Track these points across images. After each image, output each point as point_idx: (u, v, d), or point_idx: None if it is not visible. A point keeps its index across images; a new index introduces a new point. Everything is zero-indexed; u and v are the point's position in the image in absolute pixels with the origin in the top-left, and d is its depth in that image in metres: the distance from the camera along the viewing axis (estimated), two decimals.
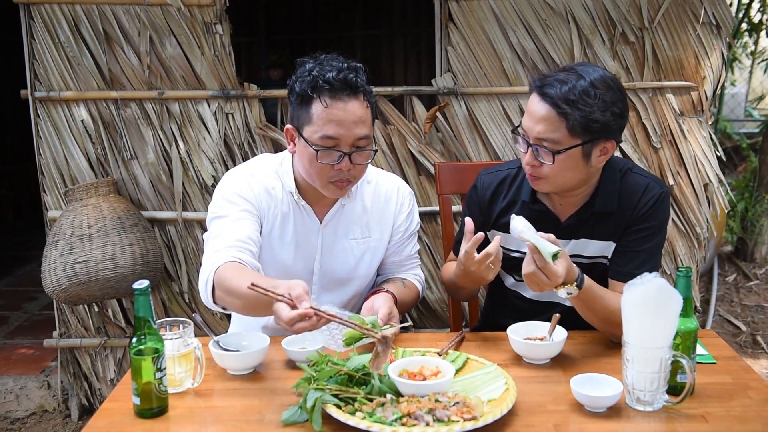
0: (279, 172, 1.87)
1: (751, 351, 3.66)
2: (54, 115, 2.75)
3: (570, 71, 1.64)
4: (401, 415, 1.27)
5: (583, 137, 1.63)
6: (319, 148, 1.69)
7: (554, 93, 1.61)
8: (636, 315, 1.36)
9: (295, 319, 1.35)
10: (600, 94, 1.60)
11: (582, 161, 1.67)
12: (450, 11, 2.72)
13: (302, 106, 1.71)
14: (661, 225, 1.78)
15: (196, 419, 1.39)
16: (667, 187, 1.80)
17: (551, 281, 1.56)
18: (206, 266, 1.68)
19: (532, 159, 1.69)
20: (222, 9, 2.68)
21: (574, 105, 1.59)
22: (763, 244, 4.80)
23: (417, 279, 2.03)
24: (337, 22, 6.79)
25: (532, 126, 1.66)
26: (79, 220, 2.58)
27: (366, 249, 1.92)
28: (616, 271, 1.78)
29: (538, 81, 1.66)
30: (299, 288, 1.39)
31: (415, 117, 2.80)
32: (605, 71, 1.66)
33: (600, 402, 1.36)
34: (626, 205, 1.76)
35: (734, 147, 6.21)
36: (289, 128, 1.78)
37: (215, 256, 1.68)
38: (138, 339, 1.36)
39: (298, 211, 1.86)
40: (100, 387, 2.97)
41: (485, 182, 1.92)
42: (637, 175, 1.80)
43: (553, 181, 1.70)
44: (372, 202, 1.93)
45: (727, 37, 2.79)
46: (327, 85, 1.66)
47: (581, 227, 1.80)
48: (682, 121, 2.80)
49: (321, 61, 1.72)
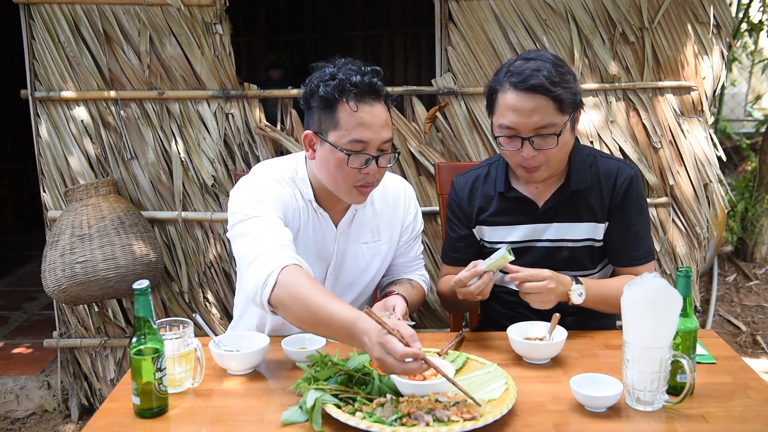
0: (295, 180, 1.81)
1: (751, 351, 3.66)
2: (54, 115, 2.75)
3: (529, 60, 1.73)
4: (401, 415, 1.27)
5: (569, 111, 1.73)
6: (350, 152, 1.66)
7: (540, 81, 1.68)
8: (636, 315, 1.36)
9: (408, 354, 1.29)
10: (567, 70, 1.74)
11: (571, 134, 1.78)
12: (450, 11, 2.72)
13: (326, 110, 1.67)
14: (642, 202, 1.88)
15: (196, 419, 1.39)
16: (636, 168, 1.93)
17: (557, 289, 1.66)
18: (268, 261, 1.56)
19: (531, 151, 1.73)
20: (222, 9, 2.68)
21: (560, 85, 1.69)
22: (763, 244, 4.80)
23: (423, 279, 2.03)
24: (337, 22, 6.80)
25: (524, 120, 1.70)
26: (79, 220, 2.58)
27: (376, 252, 1.92)
28: (620, 259, 1.88)
29: (514, 78, 1.71)
30: (410, 329, 1.35)
31: (415, 117, 2.80)
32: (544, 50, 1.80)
33: (600, 402, 1.36)
34: (604, 188, 1.85)
35: (734, 147, 6.21)
36: (309, 134, 1.73)
37: (274, 252, 1.58)
38: (138, 339, 1.36)
39: (316, 219, 1.83)
40: (100, 387, 2.97)
41: (460, 183, 1.98)
42: (607, 159, 1.90)
43: (552, 163, 1.77)
44: (381, 205, 1.92)
45: (727, 37, 2.79)
46: (354, 88, 1.64)
47: (559, 210, 1.86)
48: (682, 121, 2.80)
49: (339, 65, 1.70)
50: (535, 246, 1.88)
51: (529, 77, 1.68)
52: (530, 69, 1.69)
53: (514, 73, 1.71)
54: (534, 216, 1.87)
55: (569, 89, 1.71)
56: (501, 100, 1.74)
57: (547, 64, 1.70)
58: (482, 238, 1.95)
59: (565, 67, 1.74)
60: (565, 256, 1.87)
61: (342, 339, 1.44)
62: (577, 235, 1.86)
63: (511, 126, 1.72)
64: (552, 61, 1.72)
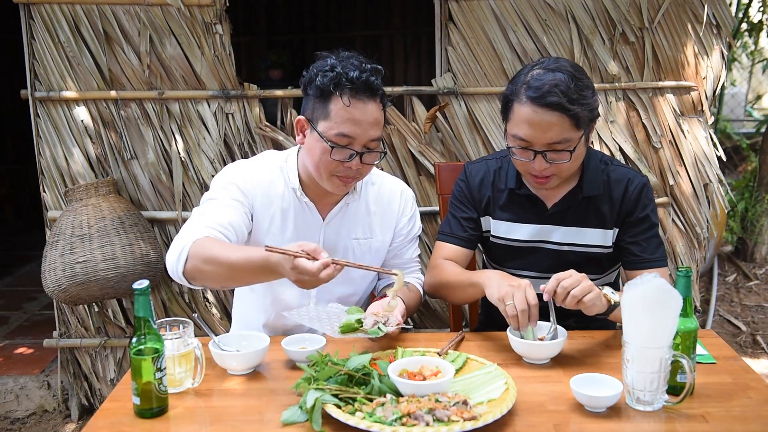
0: (283, 168, 1.88)
1: (751, 351, 3.66)
2: (54, 115, 2.75)
3: (548, 71, 1.69)
4: (401, 415, 1.27)
5: (585, 126, 1.72)
6: (334, 145, 1.70)
7: (557, 99, 1.65)
8: (636, 315, 1.36)
9: (320, 268, 1.45)
10: (586, 83, 1.71)
11: (584, 147, 1.78)
12: (450, 11, 2.72)
13: (320, 100, 1.71)
14: (654, 209, 1.89)
15: (196, 419, 1.38)
16: (646, 177, 1.91)
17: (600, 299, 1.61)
18: (181, 238, 1.69)
19: (543, 164, 1.72)
20: (222, 9, 2.68)
21: (577, 102, 1.67)
22: (763, 244, 4.80)
23: (419, 282, 2.03)
24: (337, 22, 6.80)
25: (539, 135, 1.69)
26: (79, 220, 2.58)
27: (368, 249, 1.93)
28: (636, 262, 1.86)
29: (532, 92, 1.67)
30: (311, 243, 1.50)
31: (415, 117, 2.80)
32: (564, 58, 1.77)
33: (600, 402, 1.36)
34: (615, 195, 1.85)
35: (734, 147, 6.21)
36: (302, 119, 1.78)
37: (193, 231, 1.70)
38: (138, 339, 1.36)
39: (300, 207, 1.86)
40: (100, 387, 2.97)
41: (472, 171, 1.97)
42: (618, 167, 1.90)
43: (563, 175, 1.77)
44: (375, 204, 1.94)
45: (727, 37, 2.80)
46: (350, 84, 1.67)
47: (568, 214, 1.86)
48: (682, 121, 2.80)
49: (342, 57, 1.73)
50: (543, 248, 1.88)
51: (547, 94, 1.65)
52: (549, 84, 1.66)
53: (532, 87, 1.68)
54: (542, 216, 1.87)
55: (587, 106, 1.68)
56: (517, 110, 1.72)
57: (566, 78, 1.66)
58: (488, 230, 1.95)
59: (585, 80, 1.71)
60: (573, 261, 1.86)
61: (262, 278, 1.66)
62: (585, 240, 1.86)
63: (525, 138, 1.72)
64: (571, 74, 1.68)
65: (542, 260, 1.88)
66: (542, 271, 1.89)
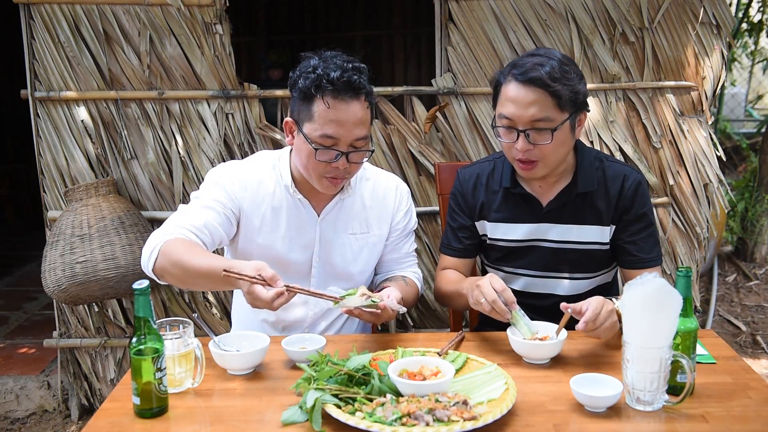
0: (276, 166, 1.89)
1: (751, 351, 3.67)
2: (54, 115, 2.75)
3: (535, 56, 1.75)
4: (401, 415, 1.27)
5: (569, 110, 1.74)
6: (318, 146, 1.71)
7: (539, 75, 1.69)
8: (636, 315, 1.36)
9: (274, 297, 1.50)
10: (572, 69, 1.74)
11: (570, 134, 1.77)
12: (450, 11, 2.72)
13: (304, 102, 1.72)
14: (650, 207, 1.89)
15: (196, 419, 1.38)
16: (641, 174, 1.92)
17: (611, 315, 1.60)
18: (156, 236, 1.73)
19: (525, 144, 1.74)
20: (222, 9, 2.68)
21: (560, 81, 1.70)
22: (763, 244, 4.80)
23: (416, 277, 2.04)
24: (337, 22, 6.80)
25: (521, 112, 1.72)
26: (79, 220, 2.58)
27: (364, 244, 1.94)
28: (634, 261, 1.87)
29: (516, 70, 1.73)
30: (268, 268, 1.53)
31: (415, 117, 2.80)
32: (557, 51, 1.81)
33: (600, 402, 1.36)
34: (612, 191, 1.85)
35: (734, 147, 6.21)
36: (289, 121, 1.79)
37: (168, 230, 1.74)
38: (138, 339, 1.36)
39: (293, 204, 1.87)
40: (100, 387, 2.97)
41: (465, 176, 1.98)
42: (614, 163, 1.90)
43: (548, 160, 1.77)
44: (371, 199, 1.95)
45: (726, 37, 2.79)
46: (330, 85, 1.67)
47: (564, 211, 1.86)
48: (682, 121, 2.80)
49: (325, 58, 1.73)
50: (540, 246, 1.89)
51: (529, 70, 1.70)
52: (533, 63, 1.71)
53: (518, 66, 1.74)
54: (537, 215, 1.87)
55: (569, 86, 1.71)
56: (503, 91, 1.76)
57: (552, 61, 1.72)
58: (484, 234, 1.96)
59: (571, 66, 1.75)
60: (570, 258, 1.87)
61: (223, 288, 1.75)
62: (582, 237, 1.86)
63: (508, 116, 1.74)
64: (558, 59, 1.73)
65: (539, 259, 1.89)
66: (540, 270, 1.90)
